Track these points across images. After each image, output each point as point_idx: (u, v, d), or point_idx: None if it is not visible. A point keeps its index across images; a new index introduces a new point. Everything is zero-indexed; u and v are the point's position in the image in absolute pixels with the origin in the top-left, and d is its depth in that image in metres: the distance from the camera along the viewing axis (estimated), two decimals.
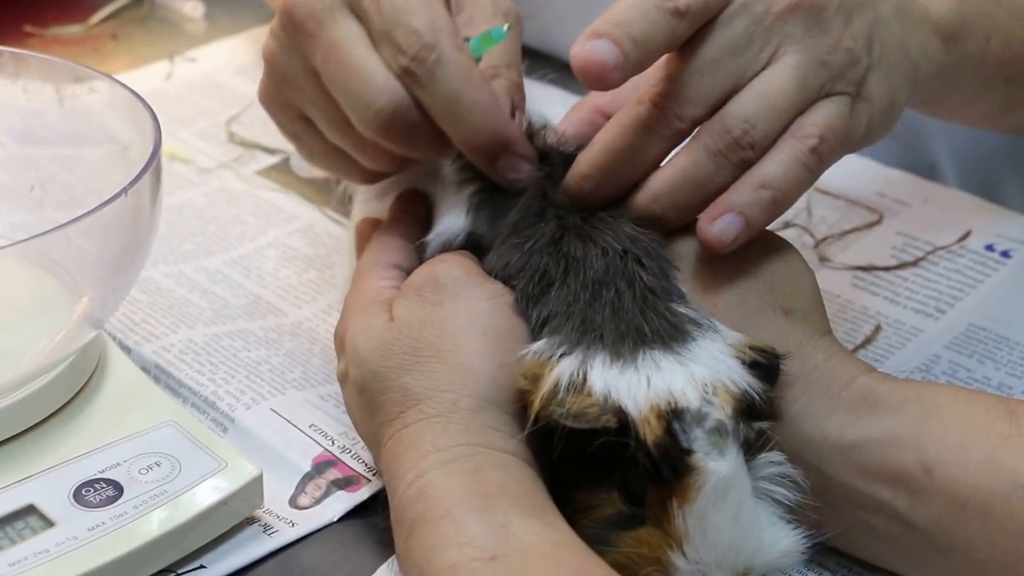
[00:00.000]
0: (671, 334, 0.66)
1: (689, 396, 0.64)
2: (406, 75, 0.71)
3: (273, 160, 1.09)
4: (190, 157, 1.09)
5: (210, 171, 1.08)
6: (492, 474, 0.66)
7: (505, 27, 0.74)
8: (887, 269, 0.94)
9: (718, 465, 0.64)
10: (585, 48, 0.68)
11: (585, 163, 0.73)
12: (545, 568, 0.62)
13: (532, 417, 0.66)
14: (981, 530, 0.66)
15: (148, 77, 1.20)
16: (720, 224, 0.70)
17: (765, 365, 0.67)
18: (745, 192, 0.70)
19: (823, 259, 0.95)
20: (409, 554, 0.65)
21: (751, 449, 0.66)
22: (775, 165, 0.70)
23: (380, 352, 0.71)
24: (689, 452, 0.64)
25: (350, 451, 0.80)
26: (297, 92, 0.76)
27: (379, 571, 0.72)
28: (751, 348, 0.67)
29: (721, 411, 0.64)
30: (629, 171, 0.72)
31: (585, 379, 0.65)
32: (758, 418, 0.66)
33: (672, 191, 0.71)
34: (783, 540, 0.67)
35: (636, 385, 0.64)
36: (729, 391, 0.65)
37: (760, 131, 0.70)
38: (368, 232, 0.82)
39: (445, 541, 0.63)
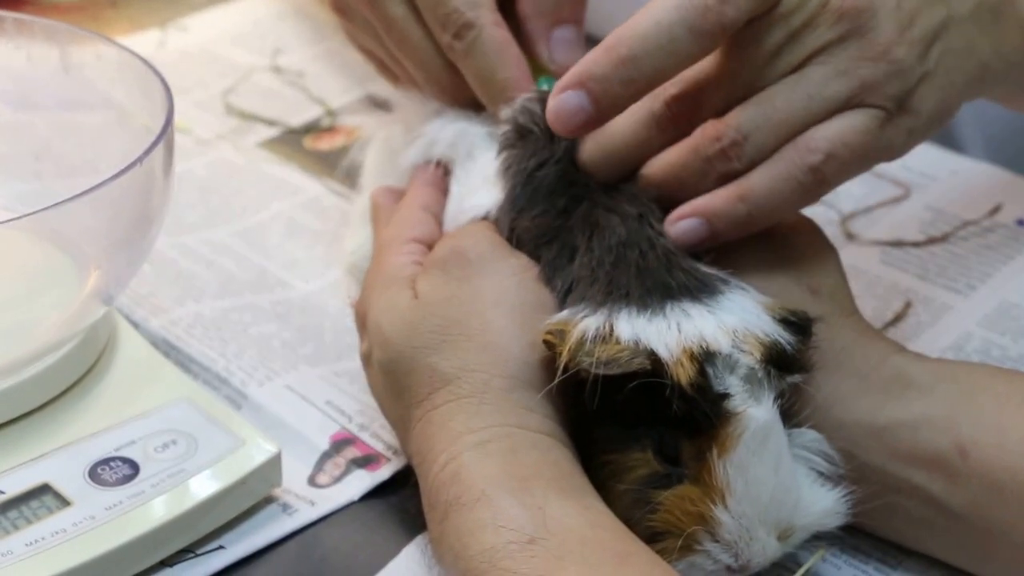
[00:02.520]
0: (699, 288, 0.65)
1: (720, 340, 0.63)
2: (449, 51, 0.76)
3: (273, 132, 1.07)
4: (188, 127, 1.07)
5: (208, 142, 1.06)
6: (528, 455, 0.64)
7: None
8: (916, 245, 0.92)
9: (756, 411, 0.62)
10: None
11: (592, 146, 0.71)
12: (585, 551, 0.60)
13: (561, 367, 0.63)
14: (1020, 513, 0.64)
15: (140, 45, 1.16)
16: (682, 226, 0.68)
17: (796, 323, 0.65)
18: (721, 201, 0.68)
19: (849, 235, 0.93)
20: (444, 538, 0.63)
21: (786, 415, 0.65)
22: (762, 179, 0.67)
23: (405, 332, 0.69)
24: (726, 396, 0.62)
25: (368, 429, 0.78)
26: (365, 38, 0.82)
27: (402, 553, 0.71)
28: (782, 308, 0.66)
29: (751, 358, 0.63)
30: (631, 161, 0.71)
31: (612, 330, 0.64)
32: (789, 370, 0.65)
33: (659, 184, 0.70)
34: (824, 500, 0.65)
35: (666, 331, 0.63)
36: (758, 339, 0.63)
37: (754, 143, 0.67)
38: (384, 201, 0.80)
39: (481, 524, 0.61)
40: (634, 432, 0.64)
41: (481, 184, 0.75)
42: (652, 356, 0.62)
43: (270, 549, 0.71)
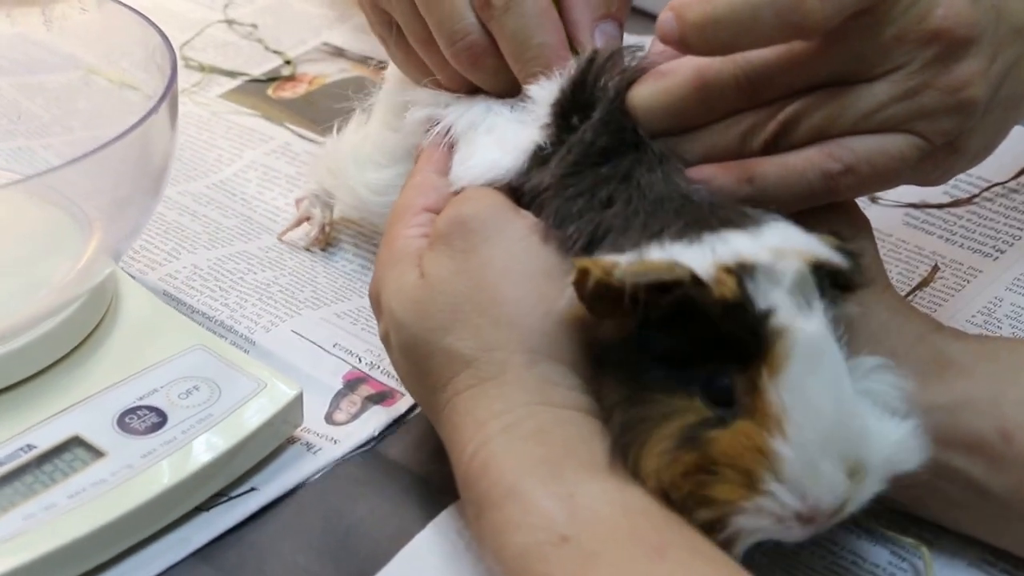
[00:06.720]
0: (742, 221, 0.60)
1: (759, 254, 0.58)
2: (484, 7, 0.71)
3: (236, 83, 1.08)
4: None
5: None
6: (556, 433, 0.61)
7: None
8: (940, 207, 0.89)
9: (806, 323, 0.57)
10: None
11: (647, 93, 0.67)
12: (619, 546, 0.57)
13: (592, 285, 0.59)
14: None
15: None
16: None
17: (844, 249, 0.61)
18: (729, 175, 0.65)
19: (872, 197, 0.89)
20: (482, 535, 0.62)
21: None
22: (775, 168, 0.65)
23: (416, 314, 0.67)
24: (769, 312, 0.57)
25: (379, 367, 0.80)
26: (389, 1, 0.75)
27: (428, 527, 0.70)
28: (828, 239, 0.61)
29: (797, 263, 0.58)
30: (681, 119, 0.67)
31: (644, 259, 0.59)
32: (842, 287, 0.61)
33: (697, 160, 0.67)
34: (896, 432, 0.59)
35: (701, 255, 0.58)
36: (804, 252, 0.59)
37: (793, 137, 0.65)
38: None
39: (513, 524, 0.59)
40: (679, 375, 0.60)
41: (498, 151, 0.72)
42: (691, 273, 0.58)
43: (298, 510, 0.72)
